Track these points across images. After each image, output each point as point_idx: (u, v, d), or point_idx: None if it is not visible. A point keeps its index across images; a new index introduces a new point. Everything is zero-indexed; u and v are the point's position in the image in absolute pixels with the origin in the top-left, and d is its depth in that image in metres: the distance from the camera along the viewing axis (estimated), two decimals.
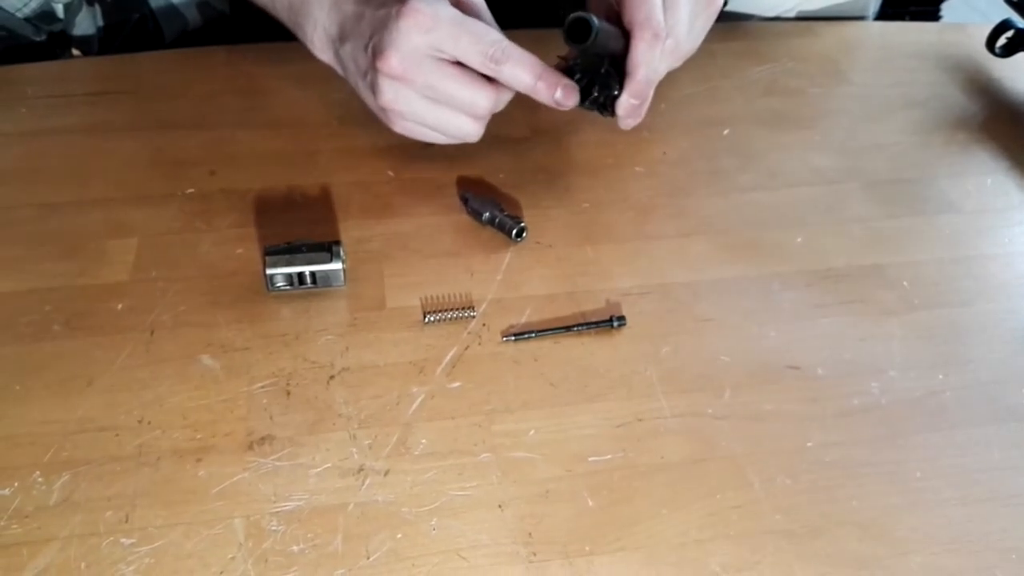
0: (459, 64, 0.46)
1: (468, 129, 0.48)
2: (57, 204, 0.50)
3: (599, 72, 0.48)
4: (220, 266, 0.46)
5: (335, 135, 0.55)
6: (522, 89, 0.46)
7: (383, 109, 0.48)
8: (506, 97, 0.48)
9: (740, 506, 0.37)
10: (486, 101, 0.47)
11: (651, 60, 0.47)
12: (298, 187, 0.51)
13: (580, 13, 0.45)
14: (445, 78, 0.46)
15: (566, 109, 0.47)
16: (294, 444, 0.39)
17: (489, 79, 0.46)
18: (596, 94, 0.49)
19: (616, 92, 0.48)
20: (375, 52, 0.46)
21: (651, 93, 0.49)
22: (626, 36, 0.47)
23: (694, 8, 0.51)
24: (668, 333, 0.44)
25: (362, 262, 0.47)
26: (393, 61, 0.45)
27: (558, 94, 0.46)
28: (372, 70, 0.46)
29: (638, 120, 0.50)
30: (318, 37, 0.51)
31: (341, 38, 0.49)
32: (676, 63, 0.52)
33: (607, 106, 0.49)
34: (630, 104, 0.48)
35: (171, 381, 0.41)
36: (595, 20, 0.44)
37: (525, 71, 0.46)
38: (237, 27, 0.69)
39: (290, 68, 0.59)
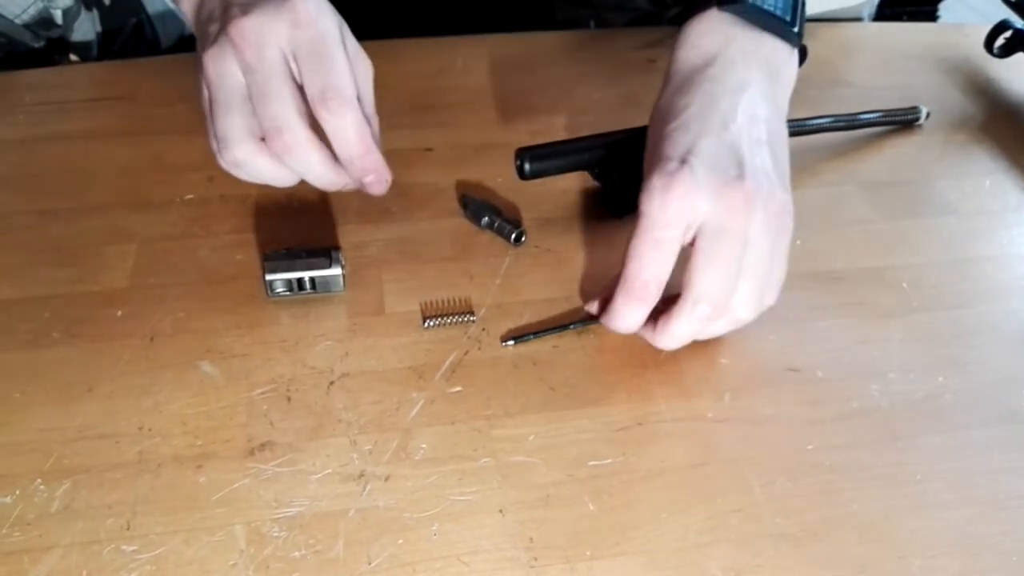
0: (300, 90, 0.41)
1: (242, 154, 0.42)
2: (55, 210, 0.50)
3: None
4: (219, 272, 0.46)
5: None
6: (336, 150, 0.42)
7: (198, 65, 0.43)
8: (314, 167, 0.43)
9: (740, 509, 0.37)
10: (296, 134, 0.41)
11: (625, 315, 0.40)
12: (297, 193, 0.51)
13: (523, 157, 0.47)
14: (274, 77, 0.41)
15: (373, 194, 0.45)
16: (294, 450, 0.39)
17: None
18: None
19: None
20: (239, 8, 0.41)
21: (655, 345, 0.41)
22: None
23: (740, 250, 0.38)
24: None
25: (361, 267, 0.47)
26: (245, 22, 0.40)
27: (369, 178, 0.43)
28: (220, 23, 0.42)
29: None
30: None
31: None
32: (730, 318, 0.41)
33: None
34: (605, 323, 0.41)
35: (171, 387, 0.41)
36: (527, 167, 0.46)
37: (353, 135, 0.42)
38: None
39: None
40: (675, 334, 0.41)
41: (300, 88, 0.42)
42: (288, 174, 0.43)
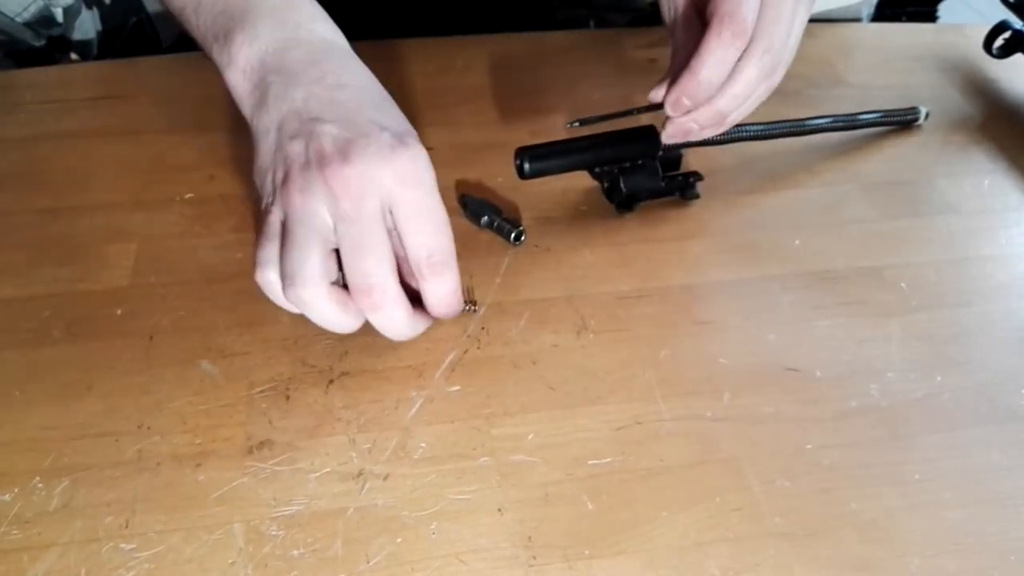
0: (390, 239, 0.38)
1: (310, 296, 0.38)
2: (56, 209, 0.50)
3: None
4: (219, 271, 0.46)
5: None
6: (431, 308, 0.41)
7: (276, 195, 0.38)
8: (391, 325, 0.40)
9: (740, 508, 0.37)
10: (389, 292, 0.38)
11: (719, 61, 0.41)
12: None
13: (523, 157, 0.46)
14: (375, 230, 0.37)
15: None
16: (293, 449, 0.39)
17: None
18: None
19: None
20: (334, 145, 0.37)
21: (719, 109, 0.43)
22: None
23: (794, 7, 0.42)
24: (667, 336, 0.44)
25: None
26: (348, 171, 0.36)
27: (448, 317, 0.42)
28: (310, 152, 0.37)
29: (683, 135, 0.44)
30: (251, 54, 0.40)
31: (285, 74, 0.40)
32: (775, 77, 0.44)
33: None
34: (672, 102, 0.43)
35: (170, 386, 0.41)
36: (526, 167, 0.46)
37: (453, 298, 0.40)
38: None
39: None
40: (740, 90, 0.42)
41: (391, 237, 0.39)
42: (352, 320, 0.40)
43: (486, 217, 0.49)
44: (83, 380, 0.41)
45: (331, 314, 0.39)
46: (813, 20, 0.69)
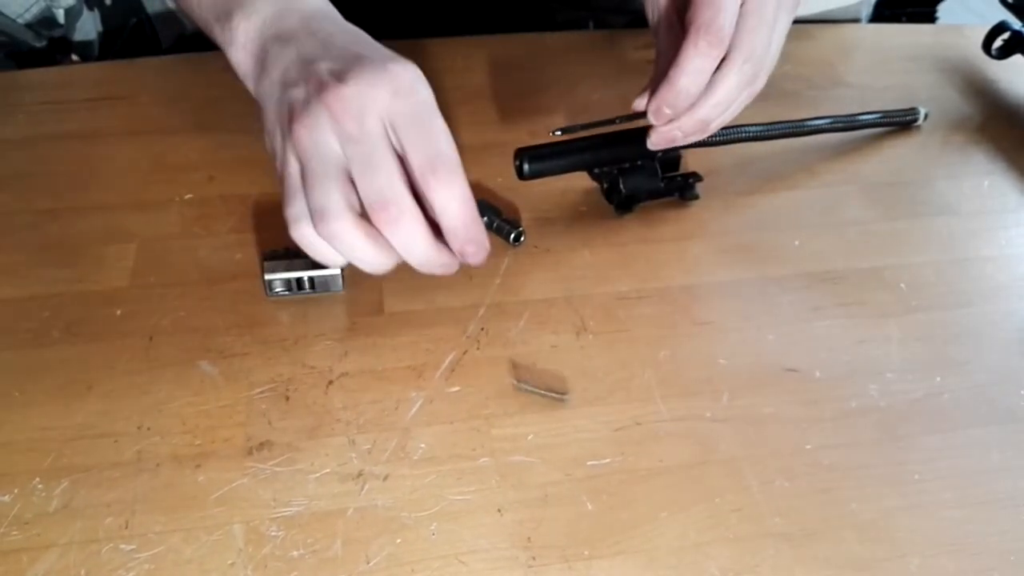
0: (400, 160, 0.38)
1: (341, 227, 0.38)
2: (56, 210, 0.50)
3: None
4: (219, 271, 0.47)
5: None
6: (442, 221, 0.39)
7: (286, 144, 0.39)
8: (405, 250, 0.39)
9: (739, 509, 0.37)
10: (404, 207, 0.38)
11: (696, 70, 0.41)
12: None
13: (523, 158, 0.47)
14: (377, 150, 0.38)
15: (472, 264, 0.41)
16: (293, 449, 0.39)
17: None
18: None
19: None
20: (331, 74, 0.38)
21: (701, 118, 0.43)
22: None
23: (775, 14, 0.42)
24: (666, 336, 0.44)
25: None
26: (345, 91, 0.37)
27: (470, 248, 0.40)
28: (309, 88, 0.38)
29: (667, 142, 0.45)
30: (250, 27, 0.42)
31: (282, 38, 0.41)
32: (757, 84, 0.44)
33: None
34: (654, 111, 0.43)
35: (170, 387, 0.41)
36: (526, 167, 0.46)
37: (462, 204, 0.38)
38: None
39: None
40: (721, 99, 0.42)
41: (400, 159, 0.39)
42: (385, 254, 0.39)
43: (485, 218, 0.49)
44: (83, 381, 0.41)
45: (363, 246, 0.39)
46: (812, 21, 0.69)
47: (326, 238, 0.39)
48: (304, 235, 0.39)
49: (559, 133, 0.45)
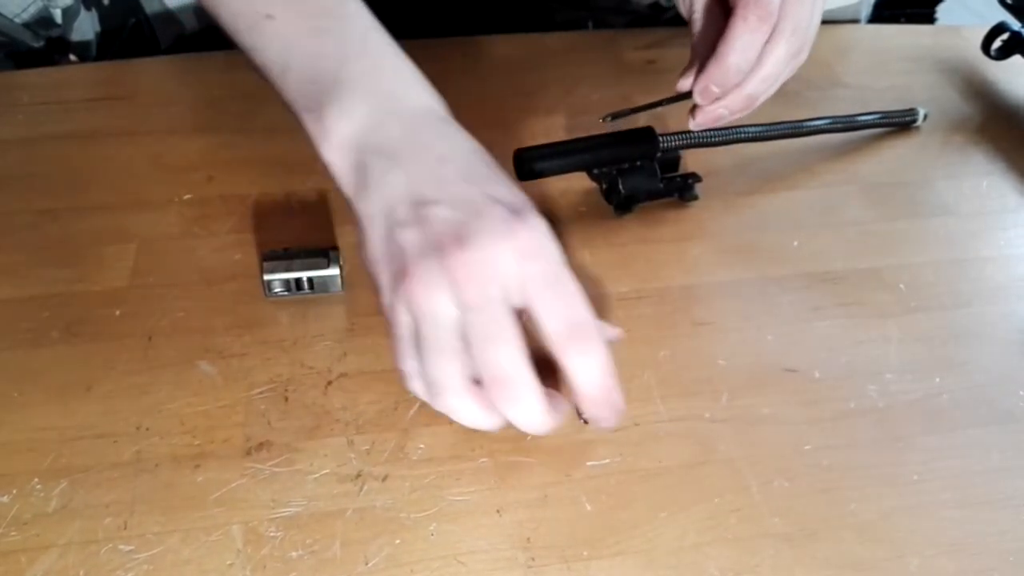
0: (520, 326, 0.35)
1: (458, 403, 0.36)
2: (55, 210, 0.50)
3: None
4: (218, 272, 0.46)
5: None
6: (580, 389, 0.35)
7: (398, 291, 0.35)
8: (543, 416, 0.36)
9: (738, 509, 0.37)
10: (521, 377, 0.34)
11: (747, 45, 0.40)
12: (296, 193, 0.51)
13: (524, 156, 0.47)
14: (498, 321, 0.34)
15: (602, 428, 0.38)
16: (292, 450, 0.39)
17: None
18: None
19: None
20: (449, 230, 0.34)
21: (750, 93, 0.43)
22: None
23: None
24: (665, 337, 0.44)
25: (359, 268, 0.47)
26: (468, 256, 0.34)
27: (605, 413, 0.36)
28: (424, 238, 0.35)
29: (713, 121, 0.44)
30: (345, 130, 0.38)
31: (385, 153, 0.37)
32: (801, 56, 0.44)
33: None
34: (700, 90, 0.42)
35: (169, 387, 0.41)
36: (525, 168, 0.46)
37: (602, 375, 0.35)
38: None
39: None
40: (769, 72, 0.42)
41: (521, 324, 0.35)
42: (500, 419, 0.36)
43: None
44: (82, 381, 0.41)
45: (477, 416, 0.36)
46: None
47: (441, 409, 0.36)
48: (419, 392, 0.37)
49: (610, 119, 0.45)
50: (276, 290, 0.45)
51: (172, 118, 0.57)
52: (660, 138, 0.49)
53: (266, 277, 0.44)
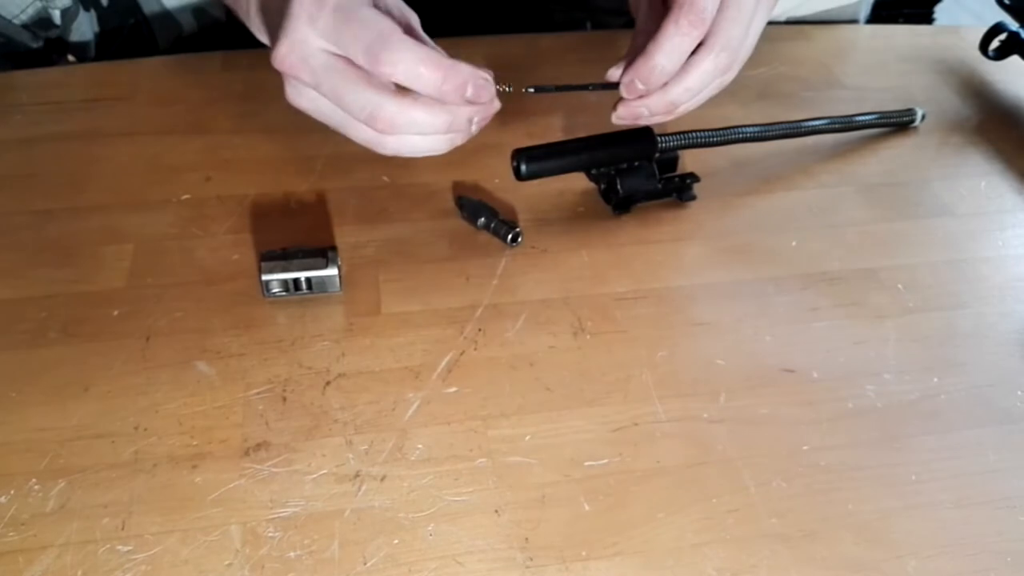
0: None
1: (374, 140, 0.41)
2: (53, 211, 0.50)
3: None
4: (216, 272, 0.46)
5: (330, 141, 0.55)
6: (429, 92, 0.38)
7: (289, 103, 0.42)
8: (436, 115, 0.40)
9: (736, 510, 0.37)
10: (387, 110, 0.39)
11: (674, 48, 0.41)
12: (294, 193, 0.51)
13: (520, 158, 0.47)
14: (334, 77, 0.39)
15: (487, 111, 0.41)
16: (290, 450, 0.39)
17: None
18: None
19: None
20: (271, 40, 0.41)
21: (671, 100, 0.43)
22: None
23: (754, 8, 0.43)
24: (663, 337, 0.44)
25: (357, 268, 0.47)
26: (280, 52, 0.39)
27: (469, 92, 0.39)
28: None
29: (632, 118, 0.45)
30: (252, 10, 0.46)
31: (264, 10, 0.45)
32: (729, 75, 0.44)
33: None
34: (626, 84, 0.43)
35: (167, 387, 0.41)
36: (523, 168, 0.47)
37: (425, 70, 0.37)
38: (233, 33, 0.69)
39: None
40: (693, 84, 0.43)
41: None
42: (430, 140, 0.41)
43: (483, 218, 0.49)
44: (79, 381, 0.41)
45: (416, 112, 0.39)
46: (809, 22, 0.69)
47: (389, 128, 0.40)
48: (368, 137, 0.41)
49: (532, 91, 0.45)
50: (274, 290, 0.45)
51: (170, 119, 0.57)
52: (658, 139, 0.49)
53: (264, 277, 0.44)
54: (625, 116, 0.45)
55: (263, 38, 0.47)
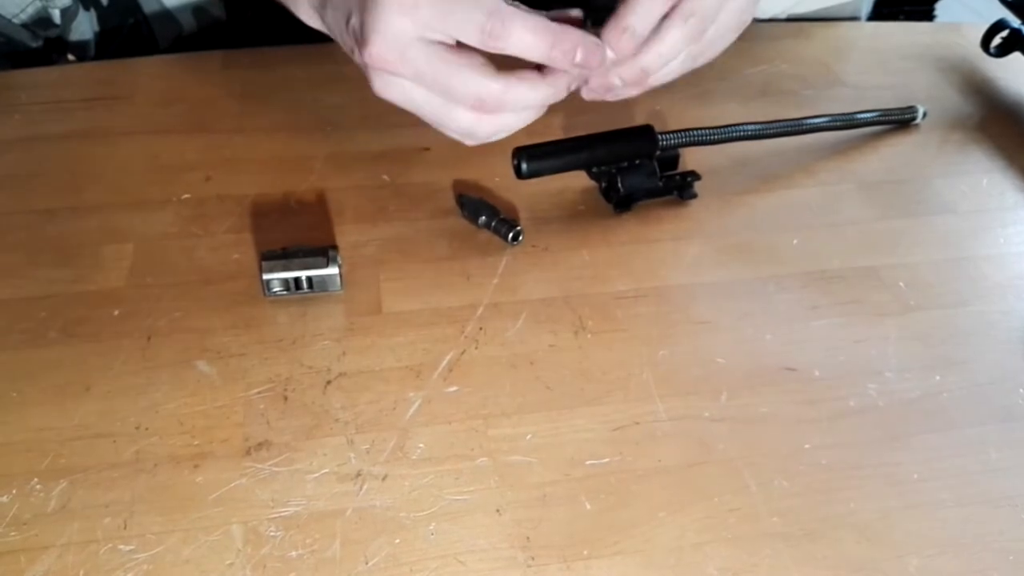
0: (463, 46, 0.39)
1: (472, 126, 0.42)
2: (53, 210, 0.50)
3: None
4: (216, 271, 0.46)
5: (330, 140, 0.55)
6: (538, 59, 0.40)
7: (377, 96, 0.42)
8: (540, 88, 0.41)
9: (737, 509, 0.37)
10: (494, 91, 0.40)
11: (645, 12, 0.41)
12: (294, 192, 0.51)
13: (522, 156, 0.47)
14: (439, 65, 0.39)
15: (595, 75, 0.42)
16: (291, 449, 0.39)
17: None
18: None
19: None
20: (356, 38, 0.40)
21: (644, 67, 0.43)
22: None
23: None
24: (664, 336, 0.44)
25: (358, 267, 0.47)
26: (375, 50, 0.39)
27: (579, 57, 0.39)
28: (358, 55, 0.41)
29: (605, 89, 0.44)
30: (305, 1, 0.45)
31: (322, 3, 0.44)
32: (702, 51, 0.44)
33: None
34: (597, 46, 0.42)
35: (168, 387, 0.41)
36: (524, 166, 0.47)
37: (535, 38, 0.38)
38: (233, 32, 0.69)
39: (286, 73, 0.59)
40: (664, 50, 0.42)
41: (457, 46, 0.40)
42: (521, 116, 0.43)
43: (483, 217, 0.49)
44: (80, 381, 0.41)
45: (490, 124, 0.42)
46: (810, 19, 0.69)
47: (497, 107, 0.41)
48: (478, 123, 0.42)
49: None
50: (275, 289, 0.45)
51: (170, 118, 0.57)
52: (659, 136, 0.49)
53: (265, 276, 0.44)
54: (596, 87, 0.45)
55: (314, 23, 0.46)
